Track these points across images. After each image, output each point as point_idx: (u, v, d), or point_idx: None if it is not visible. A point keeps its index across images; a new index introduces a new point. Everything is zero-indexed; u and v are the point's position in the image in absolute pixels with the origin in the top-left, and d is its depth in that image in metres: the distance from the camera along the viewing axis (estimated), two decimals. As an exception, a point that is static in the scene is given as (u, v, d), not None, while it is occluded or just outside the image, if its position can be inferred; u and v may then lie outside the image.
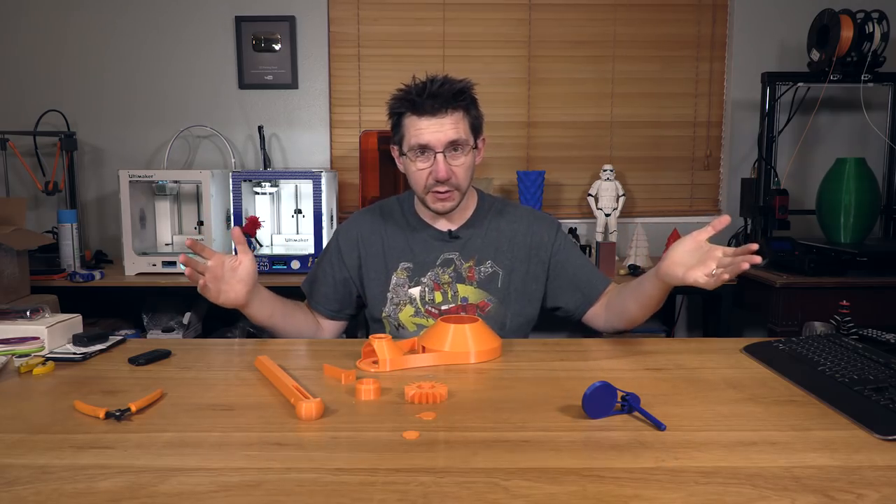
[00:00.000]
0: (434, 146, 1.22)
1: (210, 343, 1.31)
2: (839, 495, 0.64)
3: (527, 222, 1.37)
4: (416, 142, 1.23)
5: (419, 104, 1.21)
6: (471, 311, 1.31)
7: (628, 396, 0.86)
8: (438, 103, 1.21)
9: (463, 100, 1.23)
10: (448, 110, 1.22)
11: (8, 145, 2.49)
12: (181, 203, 2.50)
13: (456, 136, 1.22)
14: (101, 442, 0.77)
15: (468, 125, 1.26)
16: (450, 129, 1.22)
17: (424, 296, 1.31)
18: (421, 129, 1.22)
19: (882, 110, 2.58)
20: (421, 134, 1.22)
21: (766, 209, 2.40)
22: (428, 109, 1.21)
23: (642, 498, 0.64)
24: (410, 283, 1.32)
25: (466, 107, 1.25)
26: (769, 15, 2.70)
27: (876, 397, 0.86)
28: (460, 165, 1.24)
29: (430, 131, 1.22)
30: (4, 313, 1.17)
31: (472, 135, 1.27)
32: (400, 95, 1.25)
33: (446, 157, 1.23)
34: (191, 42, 2.69)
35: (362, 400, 0.92)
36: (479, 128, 1.29)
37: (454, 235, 1.33)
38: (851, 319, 1.22)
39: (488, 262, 1.32)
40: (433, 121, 1.21)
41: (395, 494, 0.65)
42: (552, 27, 2.73)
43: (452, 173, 1.24)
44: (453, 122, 1.22)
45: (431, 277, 1.31)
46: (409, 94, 1.23)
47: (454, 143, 1.23)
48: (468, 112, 1.25)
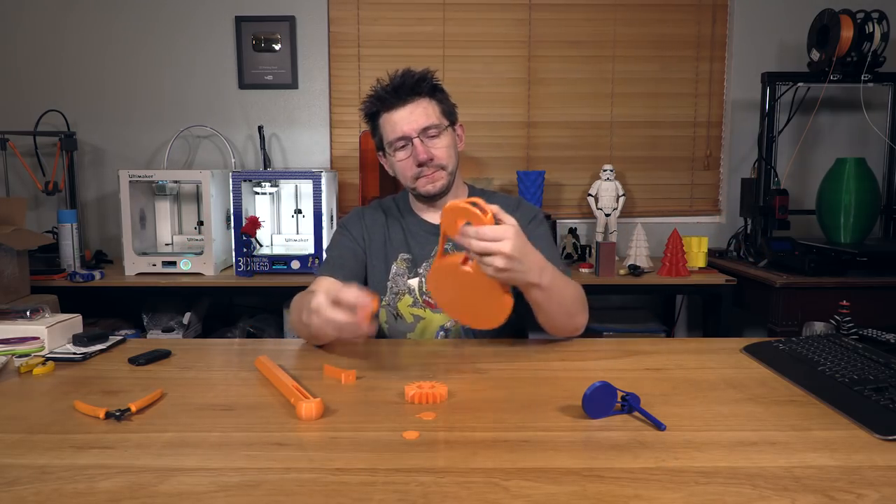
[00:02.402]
0: (409, 133, 1.29)
1: (210, 343, 1.31)
2: (839, 495, 0.64)
3: (511, 210, 1.39)
4: (393, 135, 1.30)
5: (387, 99, 1.29)
6: None
7: (628, 396, 0.86)
8: (404, 92, 1.28)
9: (426, 86, 1.30)
10: (415, 98, 1.29)
11: (8, 145, 2.49)
12: (181, 203, 2.50)
13: (427, 122, 1.29)
14: (101, 442, 0.77)
15: (439, 110, 1.32)
16: (420, 115, 1.29)
17: (422, 286, 1.34)
18: (395, 122, 1.29)
19: (882, 110, 2.58)
20: (395, 126, 1.29)
21: (766, 209, 2.40)
22: (397, 101, 1.29)
23: (642, 498, 0.64)
24: (409, 274, 1.35)
25: (431, 93, 1.32)
26: (769, 15, 2.70)
27: (876, 397, 0.86)
28: (439, 147, 1.30)
29: (404, 121, 1.29)
30: (4, 313, 1.17)
31: (444, 118, 1.33)
32: (368, 99, 1.34)
33: (423, 142, 1.29)
34: (191, 42, 2.69)
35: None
36: (452, 113, 1.35)
37: None
38: (851, 319, 1.22)
39: None
40: (404, 111, 1.29)
41: (395, 494, 0.65)
42: (552, 27, 2.73)
43: (433, 154, 1.30)
44: (422, 108, 1.29)
45: (427, 268, 1.35)
46: (376, 94, 1.32)
47: (427, 128, 1.29)
48: (434, 97, 1.32)
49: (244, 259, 2.23)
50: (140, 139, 2.72)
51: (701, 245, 2.41)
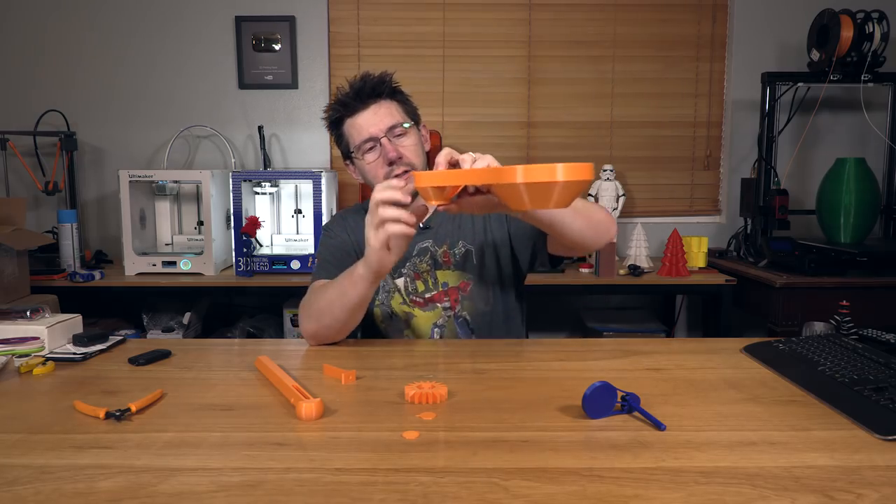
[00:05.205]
0: (376, 134, 1.28)
1: (210, 343, 1.31)
2: (839, 495, 0.64)
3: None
4: (360, 138, 1.29)
5: (350, 104, 1.29)
6: (452, 294, 1.34)
7: (628, 396, 0.86)
8: (365, 94, 1.28)
9: (386, 88, 1.30)
10: (377, 100, 1.29)
11: (8, 145, 2.49)
12: (181, 203, 2.50)
13: (393, 121, 1.29)
14: (101, 442, 0.77)
15: (402, 111, 1.32)
16: (385, 115, 1.28)
17: (407, 286, 1.35)
18: (360, 125, 1.29)
19: (882, 110, 2.58)
20: (361, 129, 1.29)
21: (766, 209, 2.40)
22: (360, 104, 1.28)
23: (642, 498, 0.64)
24: (394, 274, 1.36)
25: (392, 94, 1.31)
26: (769, 15, 2.70)
27: (876, 397, 0.86)
28: (407, 146, 1.30)
29: (369, 123, 1.28)
30: (4, 313, 1.17)
31: (409, 118, 1.33)
32: (331, 107, 1.33)
33: (391, 141, 1.28)
34: (191, 42, 2.69)
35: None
36: (415, 114, 1.35)
37: (426, 226, 1.38)
38: (851, 319, 1.22)
39: (460, 243, 1.36)
40: (368, 113, 1.28)
41: (395, 494, 0.65)
42: (552, 27, 2.73)
43: (401, 153, 1.29)
44: (386, 109, 1.29)
45: (410, 268, 1.35)
46: (338, 100, 1.31)
47: (393, 127, 1.29)
48: (395, 98, 1.32)
49: (244, 259, 2.23)
50: (140, 139, 2.72)
51: (701, 245, 2.41)
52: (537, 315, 2.77)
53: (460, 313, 1.34)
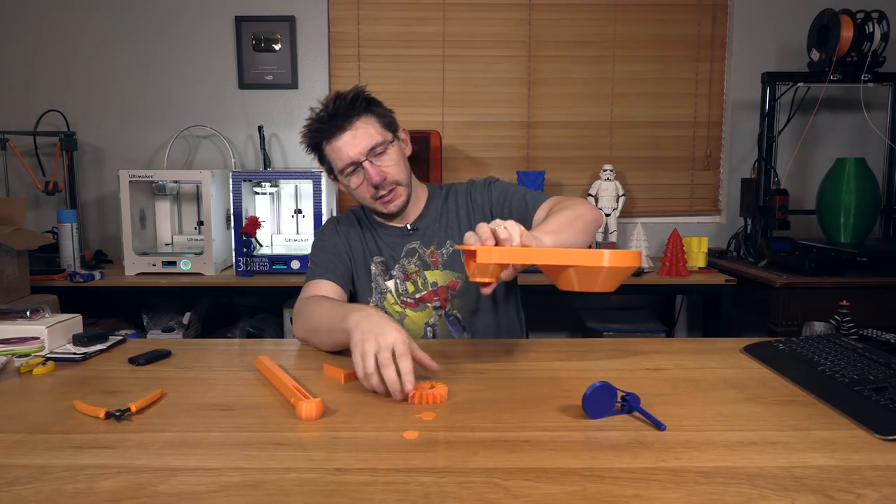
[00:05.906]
0: (356, 158, 1.27)
1: (210, 343, 1.31)
2: (839, 495, 0.64)
3: (465, 191, 1.43)
4: (342, 163, 1.29)
5: (326, 129, 1.28)
6: (442, 293, 1.35)
7: (628, 396, 0.86)
8: (341, 118, 1.26)
9: (361, 104, 1.28)
10: (353, 120, 1.27)
11: (8, 145, 2.49)
12: (181, 203, 2.50)
13: (372, 142, 1.27)
14: (101, 442, 0.77)
15: (380, 126, 1.30)
16: (362, 137, 1.27)
17: (398, 287, 1.36)
18: (339, 148, 1.27)
19: (882, 110, 2.58)
20: (341, 153, 1.28)
21: (766, 209, 2.40)
22: (336, 128, 1.27)
23: (642, 498, 0.64)
24: (385, 277, 1.37)
25: (368, 109, 1.29)
26: (769, 15, 2.70)
27: (876, 397, 0.86)
28: (389, 165, 1.30)
29: (348, 146, 1.27)
30: (4, 313, 1.17)
31: (387, 131, 1.31)
32: (308, 132, 1.32)
33: (373, 163, 1.28)
34: (191, 42, 2.69)
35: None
36: (392, 123, 1.34)
37: (413, 228, 1.40)
38: (851, 319, 1.22)
39: (448, 243, 1.37)
40: (346, 136, 1.26)
41: (395, 494, 0.65)
42: (552, 27, 2.73)
43: (385, 174, 1.29)
44: (363, 128, 1.27)
45: (400, 269, 1.37)
46: (312, 125, 1.30)
47: (373, 148, 1.27)
48: (372, 112, 1.30)
49: (244, 259, 2.23)
50: (140, 139, 2.72)
51: (701, 245, 2.41)
52: (537, 315, 2.76)
53: (451, 312, 1.34)
